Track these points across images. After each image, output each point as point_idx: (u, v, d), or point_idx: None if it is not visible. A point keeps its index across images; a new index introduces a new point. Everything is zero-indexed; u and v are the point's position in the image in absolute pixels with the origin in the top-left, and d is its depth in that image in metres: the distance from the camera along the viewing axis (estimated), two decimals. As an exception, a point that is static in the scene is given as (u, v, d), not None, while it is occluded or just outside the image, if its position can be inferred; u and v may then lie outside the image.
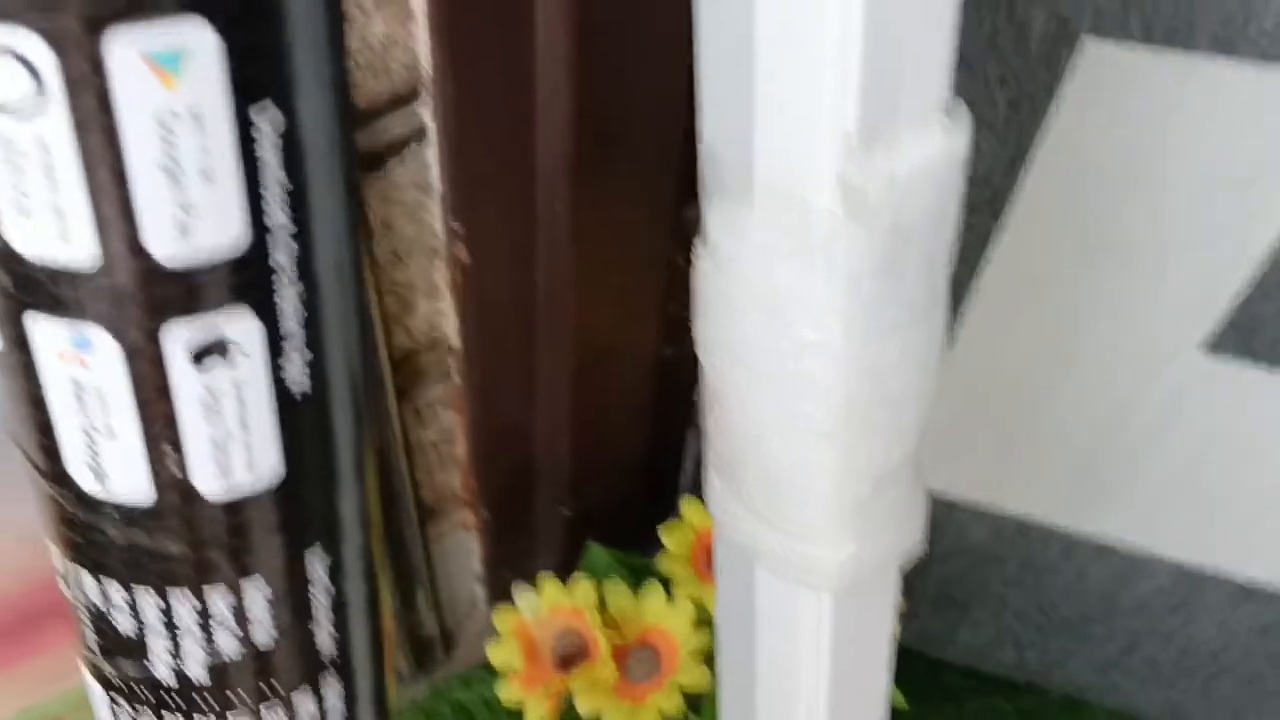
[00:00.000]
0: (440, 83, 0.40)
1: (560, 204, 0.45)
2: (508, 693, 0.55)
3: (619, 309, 0.52)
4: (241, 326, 0.17)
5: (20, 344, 0.16)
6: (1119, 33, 0.37)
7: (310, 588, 0.20)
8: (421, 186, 0.44)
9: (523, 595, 0.55)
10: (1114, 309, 0.46)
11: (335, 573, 0.20)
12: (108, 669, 0.20)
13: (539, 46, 0.39)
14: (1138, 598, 0.60)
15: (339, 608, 0.21)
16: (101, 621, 0.19)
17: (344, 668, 0.21)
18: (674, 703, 0.54)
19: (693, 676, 0.54)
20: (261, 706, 0.21)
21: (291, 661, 0.20)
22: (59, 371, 0.17)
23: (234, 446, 0.17)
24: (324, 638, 0.21)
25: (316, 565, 0.20)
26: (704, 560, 0.57)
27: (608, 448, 0.59)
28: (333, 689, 0.21)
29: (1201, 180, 0.41)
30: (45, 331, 0.16)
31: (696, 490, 0.62)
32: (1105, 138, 0.40)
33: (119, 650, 0.20)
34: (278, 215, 0.16)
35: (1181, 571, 0.57)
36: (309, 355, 0.17)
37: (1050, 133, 0.41)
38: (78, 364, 0.16)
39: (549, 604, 0.55)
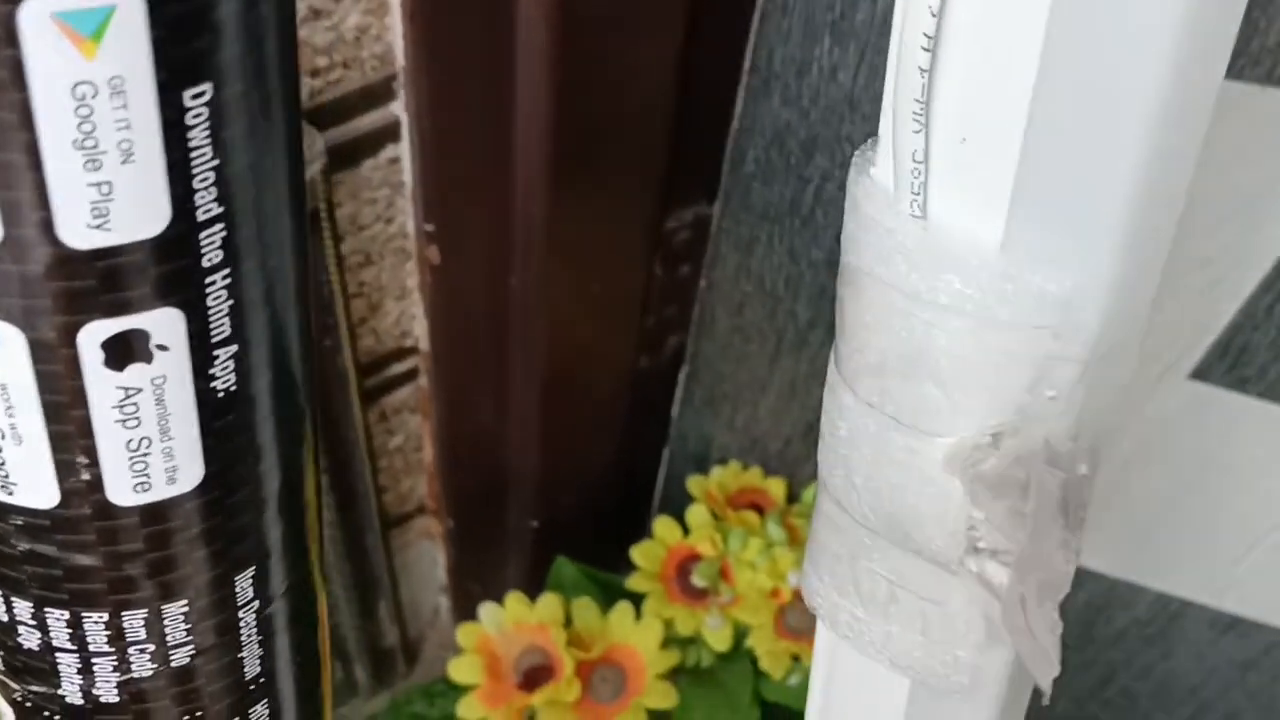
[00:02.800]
0: (415, 77, 0.38)
1: (537, 207, 0.43)
2: (469, 710, 0.53)
3: (594, 317, 0.51)
4: (164, 320, 0.15)
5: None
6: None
7: (233, 607, 0.18)
8: (393, 185, 0.42)
9: (487, 610, 0.54)
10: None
11: (261, 592, 0.19)
12: (15, 688, 0.19)
13: (519, 41, 0.38)
14: (1116, 628, 0.59)
15: (268, 629, 0.19)
16: (5, 637, 0.18)
17: (270, 693, 0.20)
18: (639, 725, 0.53)
19: (659, 698, 0.53)
20: (183, 734, 0.19)
21: (213, 685, 0.19)
22: (-42, 366, 0.15)
23: (152, 451, 0.16)
24: (250, 661, 0.19)
25: (242, 584, 0.18)
26: (675, 580, 0.56)
27: (579, 459, 0.58)
28: (259, 715, 0.20)
29: (1197, 204, 0.40)
30: (-56, 322, 0.15)
31: (669, 509, 0.60)
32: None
33: (26, 669, 0.18)
34: (207, 202, 0.15)
35: (1160, 602, 0.56)
36: (234, 349, 0.16)
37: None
38: (-21, 358, 0.15)
39: (513, 620, 0.54)
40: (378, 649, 0.63)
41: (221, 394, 0.16)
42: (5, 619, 0.18)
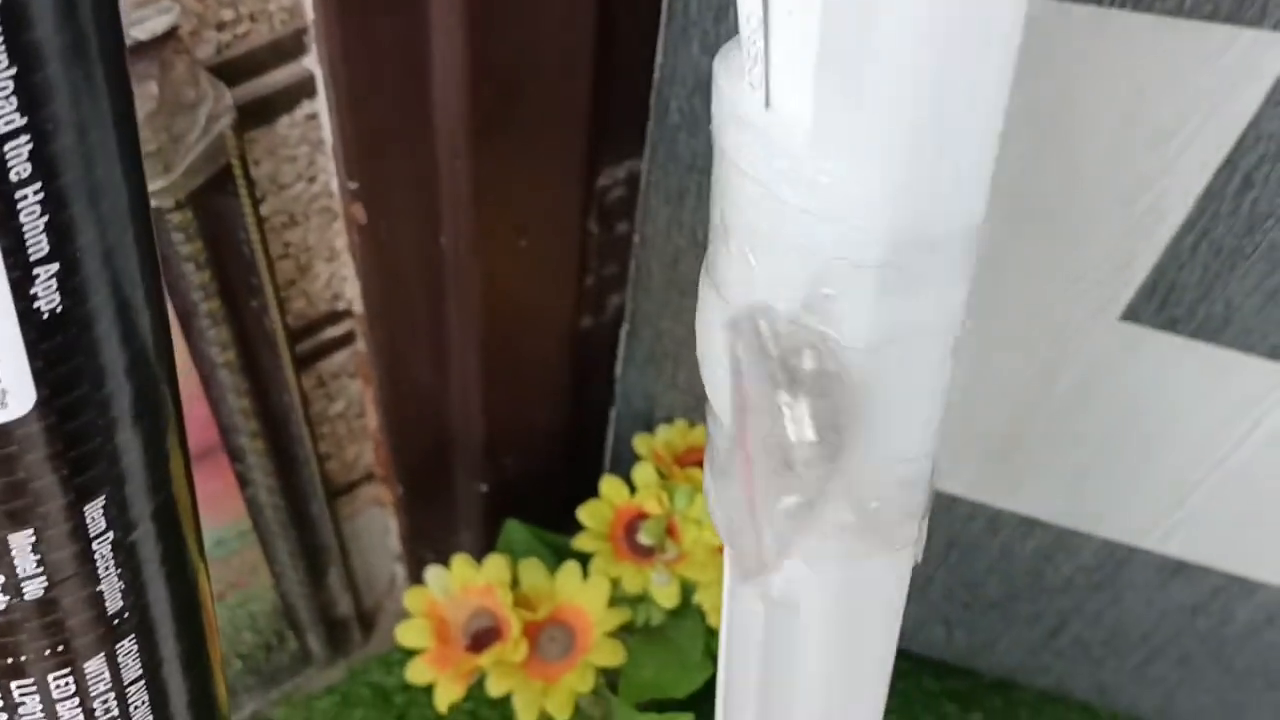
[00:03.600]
0: (326, 29, 0.38)
1: (460, 161, 0.43)
2: (417, 674, 0.53)
3: (530, 275, 0.50)
4: (-27, 237, 0.15)
5: None
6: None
7: (88, 535, 0.18)
8: (313, 142, 0.42)
9: (433, 574, 0.54)
10: (1030, 278, 0.45)
11: (120, 517, 0.18)
12: None
13: (429, -8, 0.37)
14: (1064, 576, 0.59)
15: (129, 559, 0.19)
16: None
17: (141, 626, 0.20)
18: (587, 683, 0.53)
19: (607, 656, 0.53)
20: (45, 668, 0.19)
21: (73, 618, 0.19)
22: None
23: (-23, 374, 0.16)
24: (112, 593, 0.19)
25: (94, 510, 0.18)
26: (623, 539, 0.56)
27: (524, 421, 0.58)
28: (127, 651, 0.20)
29: (1117, 139, 0.40)
30: None
31: (619, 469, 0.60)
32: (1015, 94, 0.39)
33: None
34: (8, 113, 0.14)
35: (1106, 548, 0.57)
36: (55, 268, 0.16)
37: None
38: None
39: (460, 582, 0.54)
40: (331, 619, 0.63)
41: (47, 315, 0.16)
42: None
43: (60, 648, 0.19)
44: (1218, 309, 0.44)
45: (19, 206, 0.15)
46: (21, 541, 0.18)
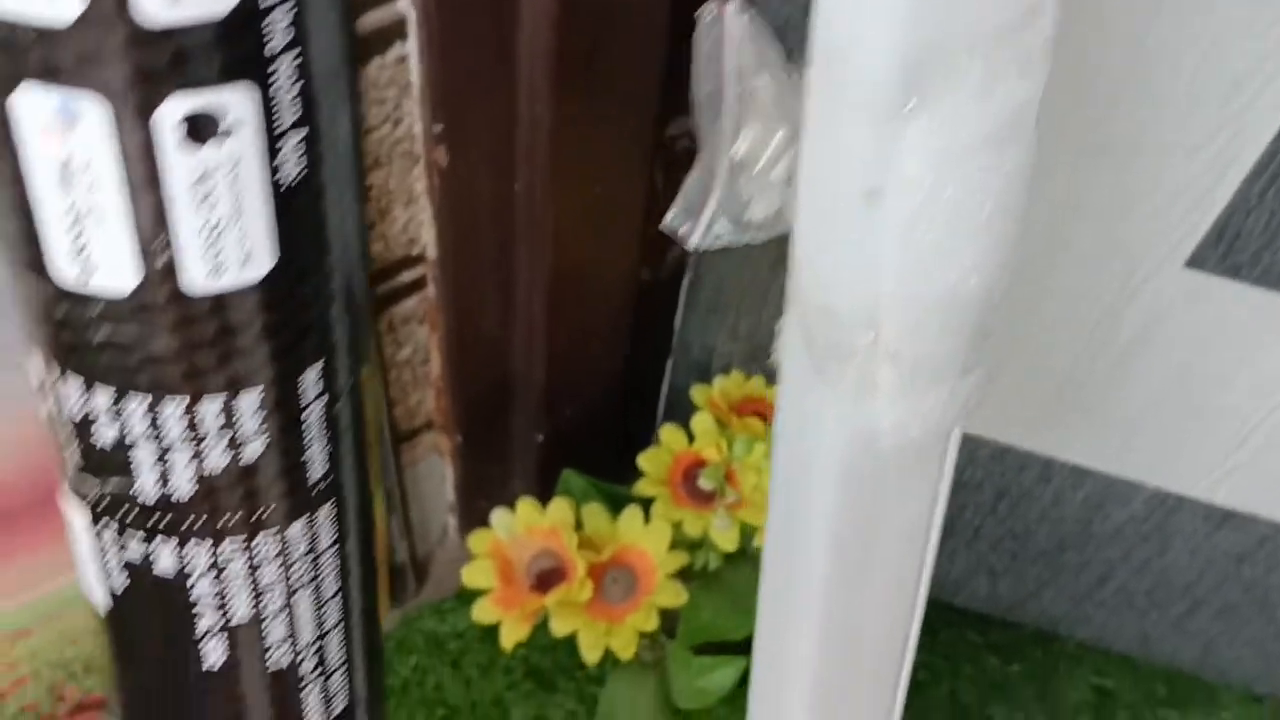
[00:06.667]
0: (423, -30, 0.39)
1: (541, 106, 0.44)
2: (482, 614, 0.54)
3: (598, 223, 0.51)
4: (236, 99, 0.16)
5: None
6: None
7: (302, 401, 0.19)
8: (401, 85, 0.43)
9: (498, 515, 0.55)
10: (1095, 224, 0.46)
11: (329, 387, 0.19)
12: (90, 487, 0.19)
13: (524, -66, 0.38)
14: (1113, 525, 0.60)
15: (334, 427, 0.20)
16: (83, 433, 0.19)
17: (337, 495, 0.21)
18: (651, 623, 0.54)
19: (670, 597, 0.54)
20: (252, 529, 0.20)
21: (281, 482, 0.20)
22: (44, 146, 0.16)
23: (226, 234, 0.17)
24: (318, 459, 0.20)
25: (310, 377, 0.19)
26: (681, 485, 0.57)
27: (584, 369, 0.59)
28: (324, 514, 0.21)
29: (1187, 88, 0.41)
30: (30, 103, 0.15)
31: (672, 419, 0.61)
32: (1089, 43, 0.40)
33: (102, 465, 0.19)
34: (275, -21, 0.15)
35: (1156, 497, 0.58)
36: (304, 133, 0.17)
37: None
38: (64, 137, 0.16)
39: (525, 524, 0.55)
40: (389, 566, 0.64)
41: (293, 178, 0.17)
42: (84, 413, 0.18)
43: (267, 510, 0.20)
44: (1280, 255, 0.45)
45: (279, 70, 0.16)
46: (248, 402, 0.19)
